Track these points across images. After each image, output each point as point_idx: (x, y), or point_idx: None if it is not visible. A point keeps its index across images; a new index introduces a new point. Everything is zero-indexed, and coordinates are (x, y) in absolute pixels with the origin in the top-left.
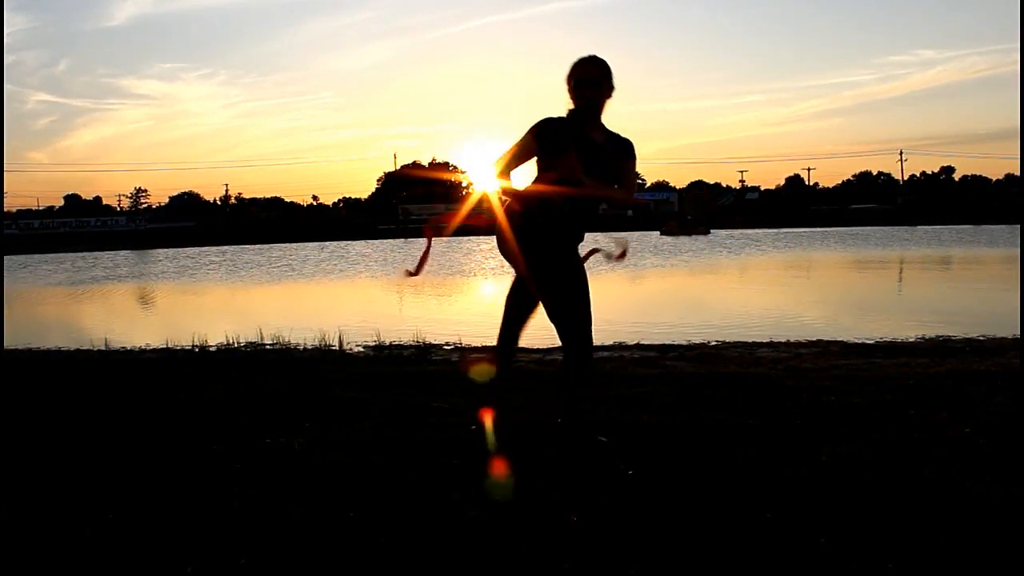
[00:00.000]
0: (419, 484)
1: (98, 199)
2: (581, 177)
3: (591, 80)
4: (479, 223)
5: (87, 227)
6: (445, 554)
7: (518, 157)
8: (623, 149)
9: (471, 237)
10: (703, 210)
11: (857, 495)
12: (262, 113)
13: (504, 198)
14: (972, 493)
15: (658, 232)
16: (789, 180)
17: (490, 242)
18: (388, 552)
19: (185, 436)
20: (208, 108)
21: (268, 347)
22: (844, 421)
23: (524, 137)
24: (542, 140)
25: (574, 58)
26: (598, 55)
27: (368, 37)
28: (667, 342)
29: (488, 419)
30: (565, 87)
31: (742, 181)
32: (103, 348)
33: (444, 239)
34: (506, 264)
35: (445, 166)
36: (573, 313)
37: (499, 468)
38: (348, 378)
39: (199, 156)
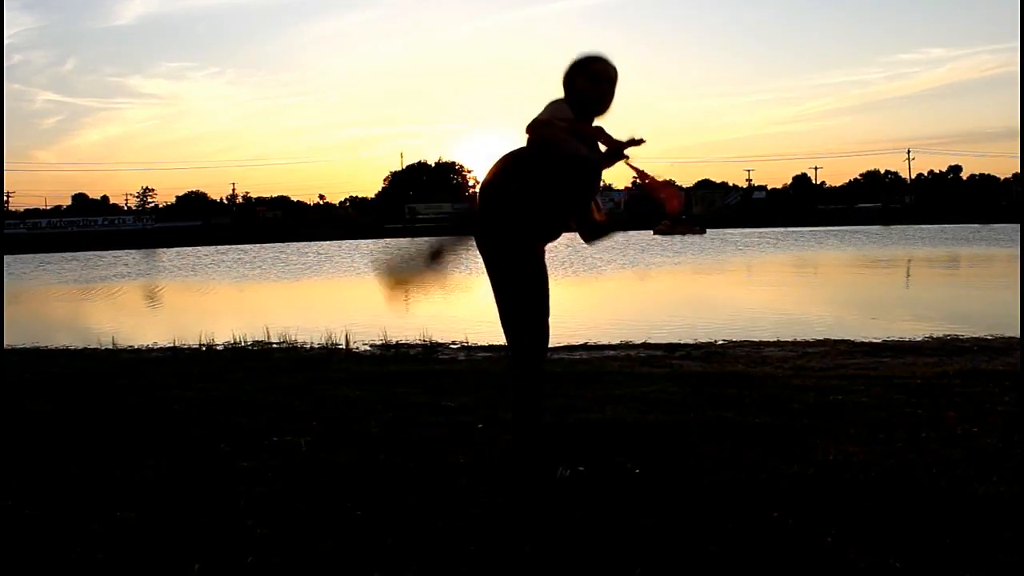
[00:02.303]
0: (425, 483)
1: (105, 198)
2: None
3: (609, 78)
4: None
5: (94, 226)
6: (450, 553)
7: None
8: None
9: None
10: (709, 209)
11: (864, 494)
12: (269, 112)
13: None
14: (979, 493)
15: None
16: (796, 179)
17: None
18: (394, 551)
19: (192, 434)
20: (215, 107)
21: (275, 346)
22: (851, 420)
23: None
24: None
25: (579, 55)
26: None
27: (375, 36)
28: (674, 341)
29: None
30: (571, 82)
31: (749, 180)
32: (111, 347)
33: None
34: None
35: (452, 165)
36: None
37: (504, 467)
38: (354, 377)
39: (206, 155)
